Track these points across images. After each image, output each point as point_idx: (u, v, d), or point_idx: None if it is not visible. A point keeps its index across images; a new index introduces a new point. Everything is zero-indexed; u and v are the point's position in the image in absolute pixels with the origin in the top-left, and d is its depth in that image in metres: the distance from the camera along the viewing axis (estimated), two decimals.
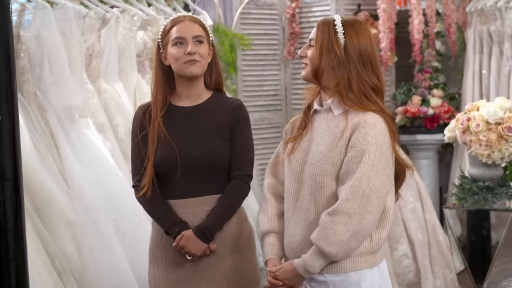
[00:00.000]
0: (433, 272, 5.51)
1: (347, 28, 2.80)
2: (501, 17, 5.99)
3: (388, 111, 2.85)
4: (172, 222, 3.12)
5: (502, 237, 4.39)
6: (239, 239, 3.20)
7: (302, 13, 6.55)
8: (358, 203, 2.67)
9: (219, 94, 3.23)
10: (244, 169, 3.17)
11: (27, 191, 3.92)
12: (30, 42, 4.42)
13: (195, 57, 3.09)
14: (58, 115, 4.49)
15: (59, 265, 4.09)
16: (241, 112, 3.18)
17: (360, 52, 2.79)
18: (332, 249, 2.69)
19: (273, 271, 2.84)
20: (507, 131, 4.23)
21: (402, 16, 6.48)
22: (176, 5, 5.70)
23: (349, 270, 2.77)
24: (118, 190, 4.49)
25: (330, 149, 2.78)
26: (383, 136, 2.74)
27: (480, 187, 4.46)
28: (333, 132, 2.80)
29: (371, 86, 2.80)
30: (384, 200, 2.75)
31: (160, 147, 3.11)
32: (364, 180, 2.68)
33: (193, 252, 3.10)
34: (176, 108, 3.17)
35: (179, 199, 3.15)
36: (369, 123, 2.73)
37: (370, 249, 2.78)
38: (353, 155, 2.71)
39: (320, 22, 2.86)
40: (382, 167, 2.72)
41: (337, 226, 2.68)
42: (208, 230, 3.09)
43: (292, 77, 6.61)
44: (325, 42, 2.80)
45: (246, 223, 3.25)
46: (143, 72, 5.22)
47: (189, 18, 3.16)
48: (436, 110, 6.27)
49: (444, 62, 6.61)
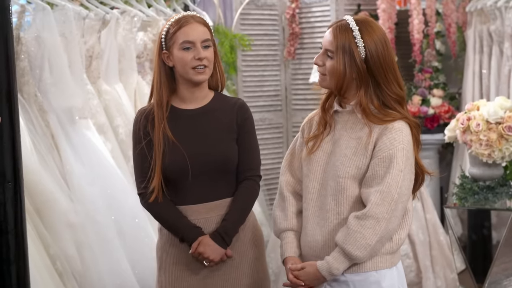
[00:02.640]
0: (434, 272, 5.50)
1: (365, 35, 2.75)
2: (501, 16, 5.99)
3: (413, 118, 2.84)
4: (187, 229, 3.04)
5: (503, 236, 4.39)
6: (250, 244, 3.15)
7: (302, 13, 6.55)
8: (387, 208, 2.70)
9: (220, 94, 3.18)
10: (254, 169, 3.13)
11: (28, 192, 3.92)
12: (30, 43, 4.42)
13: (204, 62, 3.03)
14: (58, 116, 4.48)
15: (60, 267, 4.10)
16: (246, 111, 3.14)
17: (381, 62, 2.76)
18: (359, 252, 2.71)
19: (294, 269, 2.84)
20: (507, 131, 4.24)
21: (402, 16, 6.48)
22: (176, 6, 5.69)
23: (369, 269, 2.79)
24: (118, 191, 4.49)
25: (354, 152, 2.78)
26: (408, 142, 2.76)
27: (481, 186, 4.47)
28: (357, 135, 2.80)
29: (394, 98, 2.79)
30: (406, 204, 2.79)
31: (167, 152, 3.02)
32: (393, 185, 2.70)
33: (211, 258, 3.03)
34: (180, 111, 3.09)
35: (191, 204, 3.07)
36: (396, 128, 2.75)
37: (390, 249, 2.80)
38: (381, 160, 2.73)
39: (336, 30, 2.79)
40: (408, 172, 2.75)
41: (365, 230, 2.69)
42: (226, 234, 3.04)
43: (292, 78, 6.61)
44: (347, 57, 2.76)
45: (256, 228, 3.20)
46: (143, 73, 5.23)
47: (196, 20, 3.06)
48: (436, 110, 6.28)
49: (444, 62, 6.61)
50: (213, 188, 3.07)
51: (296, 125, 6.55)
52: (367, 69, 2.76)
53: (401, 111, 2.80)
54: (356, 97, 2.81)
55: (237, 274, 3.12)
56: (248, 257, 3.14)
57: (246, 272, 3.13)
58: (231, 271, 3.11)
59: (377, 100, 2.79)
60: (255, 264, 3.16)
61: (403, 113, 2.80)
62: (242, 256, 3.13)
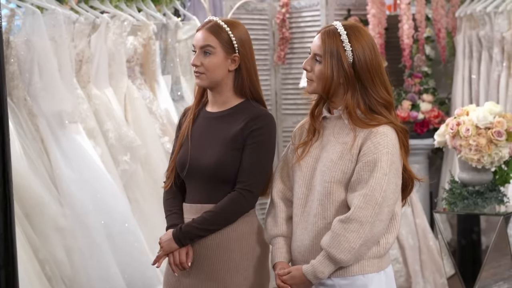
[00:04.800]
0: (424, 276, 5.51)
1: (352, 40, 2.78)
2: (490, 22, 6.01)
3: (400, 124, 2.85)
4: (171, 223, 3.07)
5: (492, 241, 4.39)
6: (251, 253, 3.09)
7: (292, 18, 6.56)
8: (370, 211, 2.71)
9: (248, 102, 3.10)
10: (245, 183, 3.00)
11: (17, 197, 3.91)
12: (20, 47, 4.42)
13: (199, 69, 3.03)
14: (48, 120, 4.48)
15: (49, 271, 4.09)
16: (258, 123, 3.03)
17: (368, 66, 2.78)
18: (343, 256, 2.72)
19: (281, 274, 2.85)
20: (497, 136, 4.25)
21: (392, 21, 6.50)
22: (166, 10, 5.69)
23: (356, 273, 2.79)
24: (108, 196, 4.48)
25: (340, 157, 2.79)
26: (393, 146, 2.76)
27: (470, 191, 4.47)
28: (343, 140, 2.81)
29: (381, 103, 2.80)
30: (393, 208, 2.79)
31: (182, 147, 3.11)
32: (377, 189, 2.71)
33: (163, 251, 3.02)
34: (204, 112, 3.14)
35: (186, 202, 3.10)
36: (381, 133, 2.76)
37: (377, 253, 2.81)
38: (365, 164, 2.74)
39: (324, 35, 2.82)
40: (393, 176, 2.75)
41: (349, 233, 2.71)
42: (181, 232, 3.00)
43: (282, 82, 6.62)
44: (335, 61, 2.78)
45: (260, 231, 3.12)
46: (133, 77, 5.22)
47: (207, 26, 3.05)
48: (426, 115, 6.29)
49: (434, 67, 6.62)
50: (206, 192, 3.05)
51: (286, 130, 6.56)
52: (355, 74, 2.78)
53: (387, 116, 2.81)
54: (343, 102, 2.83)
55: (238, 277, 3.08)
56: (248, 265, 3.07)
57: (248, 276, 3.06)
58: (227, 277, 3.07)
59: (363, 104, 2.81)
60: (258, 267, 3.09)
61: (390, 118, 2.81)
62: (241, 263, 3.06)
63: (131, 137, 4.84)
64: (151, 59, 5.28)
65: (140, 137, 4.91)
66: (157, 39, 5.42)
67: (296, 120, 6.37)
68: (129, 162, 4.82)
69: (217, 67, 3.05)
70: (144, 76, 5.31)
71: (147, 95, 5.22)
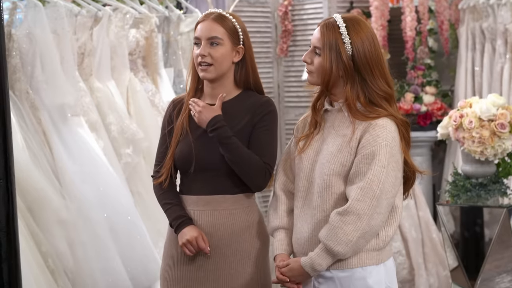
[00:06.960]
0: (427, 269, 5.51)
1: (351, 33, 2.78)
2: (494, 14, 6.00)
3: (401, 116, 2.84)
4: (176, 215, 3.06)
5: (495, 233, 4.40)
6: (255, 241, 3.11)
7: (295, 10, 6.55)
8: (368, 204, 2.71)
9: (248, 92, 3.12)
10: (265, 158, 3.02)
11: (20, 190, 3.91)
12: (21, 40, 4.41)
13: (206, 59, 3.01)
14: (50, 113, 4.47)
15: (52, 264, 4.09)
16: (266, 108, 3.06)
17: (367, 59, 2.78)
18: (341, 248, 2.73)
19: (280, 266, 2.87)
20: (500, 128, 4.24)
21: (395, 14, 6.49)
22: (168, 3, 5.68)
23: (355, 266, 2.80)
24: (111, 189, 4.48)
25: (339, 149, 2.80)
26: (393, 139, 2.76)
27: (473, 184, 4.47)
28: (343, 133, 2.81)
29: (381, 95, 2.80)
30: (392, 201, 2.79)
31: (181, 141, 3.08)
32: (374, 181, 2.71)
33: (199, 110, 2.99)
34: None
35: (191, 195, 3.09)
36: (379, 125, 2.76)
37: (376, 245, 2.81)
38: (364, 157, 2.74)
39: (324, 27, 2.82)
40: (392, 168, 2.75)
41: (346, 226, 2.71)
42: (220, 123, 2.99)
43: (284, 75, 6.61)
44: (334, 53, 2.78)
45: (262, 225, 3.15)
46: (135, 70, 5.21)
47: (212, 17, 3.05)
48: (429, 107, 6.28)
49: (436, 59, 6.61)
50: (213, 183, 3.06)
51: (289, 122, 6.55)
52: (354, 66, 2.78)
53: (388, 109, 2.81)
54: (343, 94, 2.83)
55: (235, 272, 3.07)
56: (252, 253, 3.09)
57: (249, 270, 3.08)
58: (227, 266, 3.07)
59: (363, 97, 2.81)
60: (260, 261, 3.11)
61: (390, 110, 2.81)
62: (242, 255, 3.08)
63: (133, 130, 4.83)
64: (153, 52, 5.27)
65: (142, 130, 4.91)
66: (159, 32, 5.41)
67: (299, 112, 6.36)
68: (131, 155, 4.82)
69: (224, 58, 3.05)
70: (147, 69, 5.30)
71: (150, 88, 5.21)
